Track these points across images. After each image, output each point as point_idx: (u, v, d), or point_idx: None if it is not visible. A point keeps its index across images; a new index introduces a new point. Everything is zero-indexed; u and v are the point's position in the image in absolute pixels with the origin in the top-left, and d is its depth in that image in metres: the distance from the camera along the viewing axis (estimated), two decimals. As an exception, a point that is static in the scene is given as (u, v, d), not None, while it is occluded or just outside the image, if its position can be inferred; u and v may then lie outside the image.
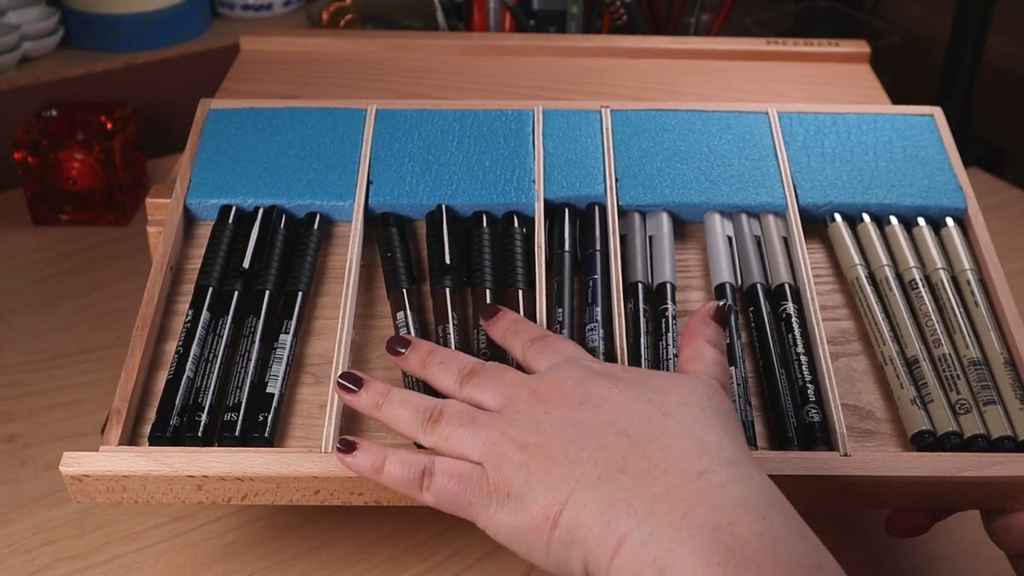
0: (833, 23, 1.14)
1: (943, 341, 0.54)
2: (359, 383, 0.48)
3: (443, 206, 0.59)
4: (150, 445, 0.49)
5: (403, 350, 0.50)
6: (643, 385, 0.44)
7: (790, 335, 0.54)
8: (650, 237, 0.59)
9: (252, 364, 0.52)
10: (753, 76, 0.75)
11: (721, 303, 0.50)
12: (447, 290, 0.55)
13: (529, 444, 0.43)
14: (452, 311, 0.54)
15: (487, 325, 0.52)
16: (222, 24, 1.08)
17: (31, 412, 0.68)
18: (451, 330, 0.53)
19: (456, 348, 0.53)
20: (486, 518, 0.43)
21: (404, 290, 0.55)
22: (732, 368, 0.52)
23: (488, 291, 0.55)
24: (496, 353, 0.52)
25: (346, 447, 0.46)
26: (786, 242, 0.59)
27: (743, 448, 0.42)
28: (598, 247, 0.57)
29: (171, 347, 0.53)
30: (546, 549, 0.41)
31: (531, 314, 0.54)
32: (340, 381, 0.49)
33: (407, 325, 0.54)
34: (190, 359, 0.52)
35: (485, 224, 0.58)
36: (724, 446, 0.42)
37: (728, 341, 0.53)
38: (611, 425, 0.42)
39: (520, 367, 0.50)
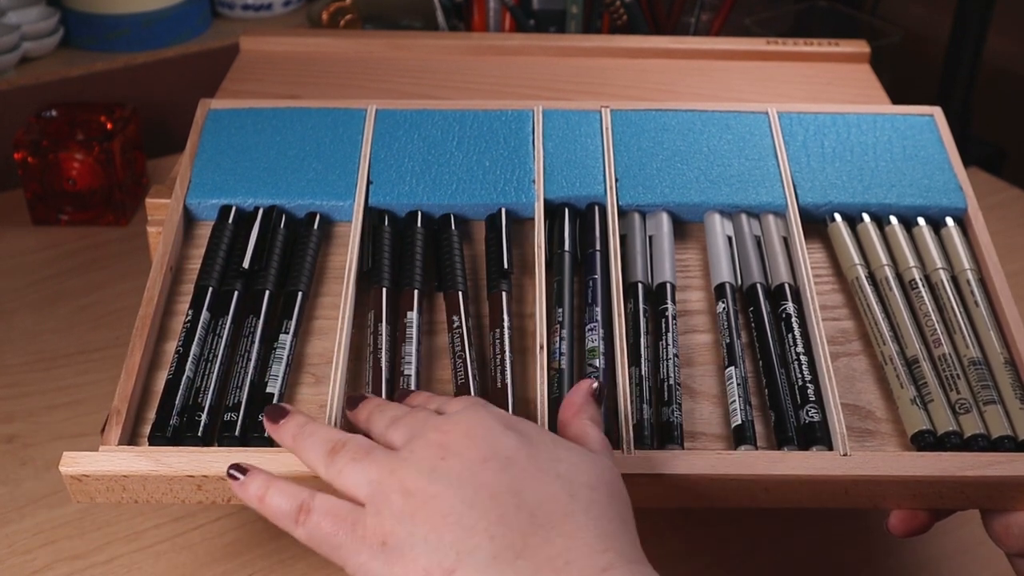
0: (833, 23, 1.14)
1: (943, 341, 0.54)
2: (283, 414, 0.47)
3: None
4: (150, 445, 0.49)
5: (356, 406, 0.49)
6: (554, 456, 0.42)
7: (790, 335, 0.54)
8: (650, 237, 0.59)
9: (252, 364, 0.52)
10: (753, 76, 0.75)
11: (595, 385, 0.48)
12: (414, 291, 0.55)
13: (416, 492, 0.40)
14: (419, 311, 0.54)
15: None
16: (222, 24, 1.08)
17: (31, 412, 0.68)
18: (413, 330, 0.53)
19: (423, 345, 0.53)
20: (355, 564, 0.40)
21: (384, 289, 0.55)
22: (732, 368, 0.52)
23: (461, 293, 0.55)
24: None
25: (236, 473, 0.45)
26: (786, 242, 0.59)
27: (638, 542, 0.41)
28: (598, 247, 0.57)
29: (171, 347, 0.53)
30: None
31: (519, 313, 0.54)
32: (265, 416, 0.47)
33: (380, 324, 0.53)
34: (190, 359, 0.52)
35: (454, 226, 0.58)
36: (625, 541, 0.40)
37: (728, 341, 0.54)
38: (514, 496, 0.40)
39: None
